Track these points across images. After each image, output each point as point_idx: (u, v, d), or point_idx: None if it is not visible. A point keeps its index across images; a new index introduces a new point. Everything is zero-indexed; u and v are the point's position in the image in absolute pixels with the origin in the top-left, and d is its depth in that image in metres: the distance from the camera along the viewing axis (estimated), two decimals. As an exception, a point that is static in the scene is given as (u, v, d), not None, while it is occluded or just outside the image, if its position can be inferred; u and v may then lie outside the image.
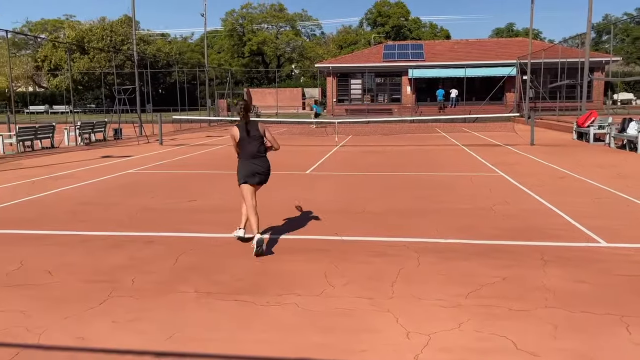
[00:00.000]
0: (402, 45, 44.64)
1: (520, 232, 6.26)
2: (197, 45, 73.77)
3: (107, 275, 4.90)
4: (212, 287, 4.55)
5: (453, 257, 5.31)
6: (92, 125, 21.21)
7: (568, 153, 14.78)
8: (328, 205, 8.00)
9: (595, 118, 18.76)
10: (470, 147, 16.92)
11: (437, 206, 7.82)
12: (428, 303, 4.11)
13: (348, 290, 4.43)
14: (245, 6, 66.30)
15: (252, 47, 63.47)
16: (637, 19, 61.72)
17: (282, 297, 4.30)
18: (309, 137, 22.50)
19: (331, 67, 40.87)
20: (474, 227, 6.50)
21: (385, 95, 41.24)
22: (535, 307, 4.01)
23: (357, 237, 6.12)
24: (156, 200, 8.65)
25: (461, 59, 39.45)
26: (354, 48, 61.41)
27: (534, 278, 4.65)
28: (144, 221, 7.13)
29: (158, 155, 15.86)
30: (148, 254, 5.56)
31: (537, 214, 7.22)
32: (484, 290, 4.37)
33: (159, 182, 10.54)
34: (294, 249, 5.69)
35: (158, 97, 50.77)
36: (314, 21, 72.12)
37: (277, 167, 12.59)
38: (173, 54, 59.04)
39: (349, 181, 10.39)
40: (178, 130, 27.75)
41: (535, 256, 5.30)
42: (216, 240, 6.11)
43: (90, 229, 6.69)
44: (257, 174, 5.91)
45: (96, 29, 54.99)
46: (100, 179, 10.94)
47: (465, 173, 11.21)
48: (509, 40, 47.25)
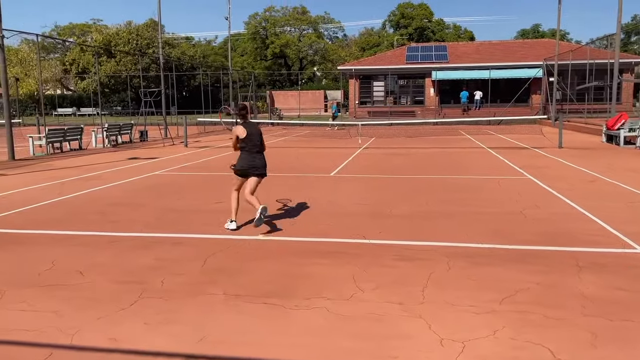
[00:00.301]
0: (426, 47, 44.31)
1: (552, 237, 6.11)
2: (220, 49, 74.52)
3: (137, 276, 4.93)
4: (240, 289, 4.53)
5: (484, 262, 5.20)
6: (119, 128, 21.54)
7: (598, 156, 14.44)
8: (354, 208, 7.94)
9: (626, 120, 18.30)
10: (496, 149, 16.66)
11: (465, 210, 7.69)
12: (461, 309, 4.02)
13: (378, 294, 4.36)
14: (268, 9, 66.83)
15: (275, 49, 63.82)
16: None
17: (311, 300, 4.26)
18: (332, 139, 22.47)
19: (354, 70, 40.81)
20: (505, 232, 6.36)
21: (408, 98, 40.98)
22: (572, 314, 3.89)
23: (384, 241, 6.05)
24: (183, 201, 8.71)
25: (486, 60, 38.96)
26: (377, 50, 61.25)
27: (570, 284, 4.52)
28: (172, 222, 7.18)
29: (183, 157, 16.01)
30: (176, 255, 5.59)
31: (569, 218, 7.05)
32: (518, 296, 4.26)
33: (185, 184, 10.62)
34: (321, 252, 5.65)
35: (182, 100, 51.37)
36: (337, 23, 72.19)
37: (301, 169, 12.65)
38: (197, 57, 59.70)
39: (374, 184, 10.32)
40: (202, 132, 28.02)
41: (570, 262, 5.16)
42: (244, 242, 6.10)
43: (119, 229, 6.76)
44: (256, 167, 6.63)
45: (123, 32, 55.98)
46: (127, 181, 11.08)
47: (492, 176, 11.03)
48: (535, 41, 46.50)
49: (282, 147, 19.28)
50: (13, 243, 6.20)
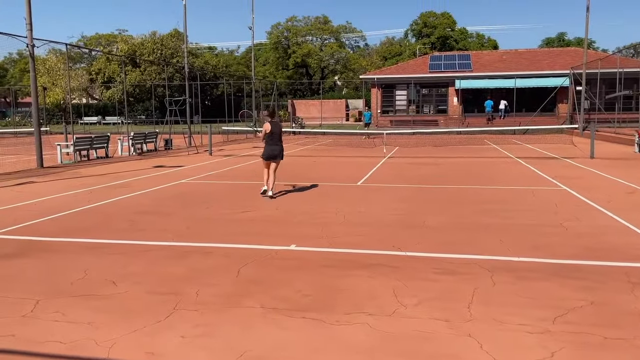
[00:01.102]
0: (449, 55, 43.95)
1: (597, 251, 5.84)
2: (242, 58, 75.16)
3: (171, 286, 4.82)
4: (278, 302, 4.38)
5: (530, 276, 4.97)
6: (144, 136, 21.72)
7: (632, 167, 13.99)
8: (385, 219, 7.75)
9: (660, 130, 17.78)
10: (525, 159, 16.29)
11: (502, 222, 7.44)
12: (512, 327, 3.81)
13: (421, 310, 4.17)
14: (290, 19, 67.17)
15: (297, 59, 64.07)
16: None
17: (352, 315, 4.08)
18: (356, 148, 22.31)
19: (376, 79, 40.66)
20: (546, 245, 6.10)
21: (430, 107, 40.62)
22: (632, 335, 3.65)
23: (421, 253, 5.85)
24: (211, 210, 8.63)
25: (511, 69, 38.43)
26: (399, 59, 61.06)
27: (625, 302, 4.27)
28: (201, 232, 7.09)
29: (208, 165, 16.02)
30: (209, 266, 5.47)
31: (613, 231, 6.75)
32: (572, 315, 4.03)
33: (211, 192, 10.56)
34: (357, 264, 5.47)
35: (205, 109, 51.86)
36: (358, 33, 72.24)
37: (328, 178, 12.51)
38: (220, 67, 60.27)
39: (403, 193, 10.11)
40: (225, 141, 28.13)
41: (621, 278, 4.89)
42: (276, 252, 5.97)
43: (150, 238, 6.69)
44: (275, 155, 9.82)
45: (147, 42, 56.86)
46: (154, 189, 11.07)
47: (525, 187, 10.73)
48: (561, 50, 45.77)
49: (305, 155, 19.18)
50: (45, 251, 6.17)
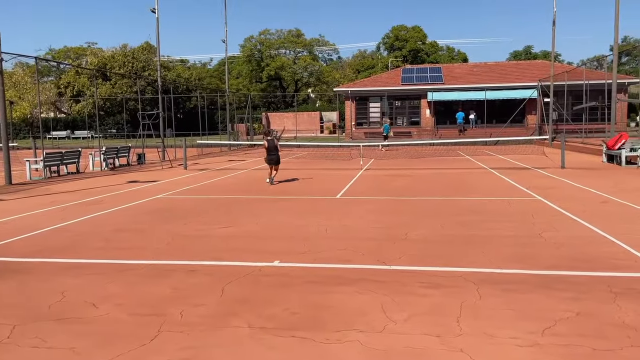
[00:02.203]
0: (421, 68, 44.69)
1: (578, 261, 5.94)
2: (215, 71, 74.87)
3: (154, 307, 4.69)
4: (265, 321, 4.30)
5: (515, 288, 5.01)
6: (117, 151, 21.33)
7: (602, 176, 14.37)
8: (367, 232, 7.75)
9: (626, 140, 18.34)
10: (498, 170, 16.58)
11: (482, 233, 7.52)
12: (502, 341, 3.82)
13: (411, 326, 4.15)
14: (263, 32, 67.39)
15: (270, 72, 64.18)
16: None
17: (342, 333, 4.03)
18: (333, 160, 22.36)
19: (350, 91, 40.99)
20: (528, 256, 6.18)
21: (404, 119, 41.13)
22: (619, 346, 3.70)
23: (405, 267, 5.85)
24: (190, 226, 8.48)
25: (481, 81, 39.29)
26: (371, 72, 61.75)
27: (609, 313, 4.33)
28: (181, 249, 6.94)
29: (184, 180, 15.79)
30: (192, 285, 5.35)
31: (591, 241, 6.89)
32: (559, 326, 4.07)
33: (189, 208, 10.39)
34: (343, 279, 5.43)
35: (177, 122, 51.35)
36: (331, 46, 72.91)
37: (306, 192, 12.47)
38: (192, 80, 59.87)
39: (383, 206, 10.14)
40: (199, 154, 27.84)
41: (603, 288, 4.98)
42: (260, 269, 5.88)
43: (128, 257, 6.52)
44: (273, 160, 13.95)
45: (118, 55, 56.11)
46: (129, 205, 10.83)
47: (501, 197, 10.90)
48: (529, 62, 47.04)
49: (281, 169, 19.10)
50: (19, 272, 5.94)
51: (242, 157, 26.08)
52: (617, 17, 21.64)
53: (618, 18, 21.64)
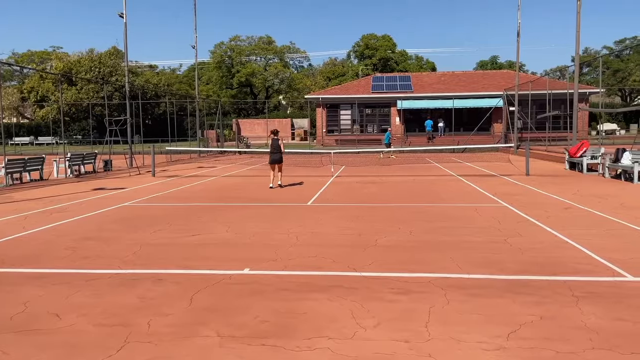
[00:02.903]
0: (391, 77, 45.26)
1: (542, 266, 6.10)
2: (185, 77, 74.09)
3: (120, 317, 4.60)
4: (235, 330, 4.27)
5: (481, 293, 5.11)
6: (82, 157, 20.84)
7: (565, 183, 14.81)
8: (337, 239, 7.78)
9: (587, 148, 18.96)
10: (466, 177, 16.90)
11: (450, 239, 7.65)
12: (469, 345, 3.89)
13: (381, 332, 4.19)
14: (233, 38, 67.01)
15: (241, 78, 63.89)
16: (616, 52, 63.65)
17: (312, 340, 4.04)
18: (304, 167, 22.38)
19: (321, 98, 41.18)
20: (494, 262, 6.32)
21: (374, 126, 41.53)
22: (582, 348, 3.82)
23: (375, 273, 5.90)
24: (158, 234, 8.35)
25: (449, 90, 40.06)
26: (342, 80, 62.17)
27: (572, 316, 4.47)
28: (149, 257, 6.83)
29: (152, 187, 15.55)
30: (160, 294, 5.27)
31: (554, 247, 7.08)
32: (524, 330, 4.17)
33: (157, 215, 10.23)
34: (313, 286, 5.44)
35: (146, 128, 50.58)
36: (302, 53, 73.10)
37: (277, 199, 12.44)
38: (161, 85, 59.09)
39: (354, 213, 10.20)
40: (168, 161, 27.45)
41: (565, 292, 5.13)
42: (229, 277, 5.83)
43: (94, 266, 6.37)
44: (275, 160, 14.35)
45: (84, 60, 54.97)
46: (96, 213, 10.60)
47: (468, 204, 11.11)
48: (495, 72, 48.20)
49: (251, 175, 19.03)
50: (-22, 283, 5.73)
51: (212, 164, 25.84)
52: (578, 29, 22.42)
53: (579, 30, 22.42)
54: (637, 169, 14.57)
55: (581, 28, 22.31)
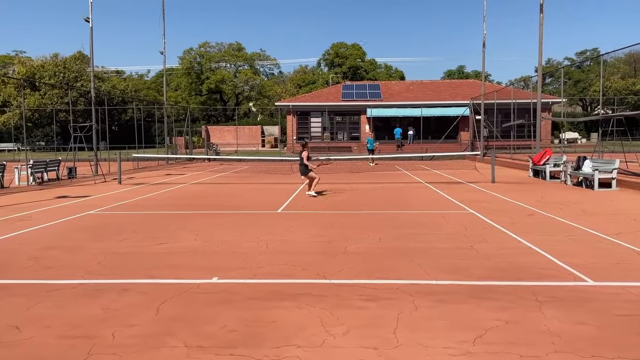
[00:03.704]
0: (360, 85, 45.69)
1: (507, 271, 6.24)
2: (152, 83, 73.13)
3: (83, 329, 4.48)
4: (202, 340, 4.21)
5: (448, 299, 5.19)
6: (45, 164, 20.27)
7: (529, 190, 15.18)
8: (307, 246, 7.78)
9: (550, 156, 19.52)
10: (434, 184, 17.16)
11: (418, 245, 7.74)
12: (436, 352, 3.94)
13: (350, 339, 4.20)
14: (203, 45, 66.58)
15: (210, 85, 63.44)
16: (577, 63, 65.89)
17: (281, 349, 4.02)
18: (274, 174, 22.32)
19: (291, 106, 41.24)
20: (461, 267, 6.42)
21: (344, 134, 41.80)
22: (545, 352, 3.91)
23: (345, 280, 5.91)
24: (124, 243, 8.18)
25: (417, 99, 40.69)
26: (313, 87, 62.44)
27: (535, 320, 4.58)
28: (115, 267, 6.68)
29: (118, 195, 15.23)
30: (125, 304, 5.16)
31: (518, 252, 7.25)
32: (489, 335, 4.25)
33: (123, 224, 10.03)
34: (282, 294, 5.42)
35: (112, 135, 49.62)
36: (272, 61, 73.18)
37: (247, 206, 12.37)
38: (129, 91, 58.10)
39: (324, 220, 10.22)
40: (135, 168, 26.96)
41: (529, 297, 5.25)
42: (197, 286, 5.76)
43: (57, 276, 6.19)
44: (301, 172, 14.40)
45: (49, 65, 53.65)
46: (59, 221, 10.32)
47: (437, 211, 11.27)
48: (462, 81, 49.24)
49: (221, 183, 18.87)
50: None
51: (180, 171, 25.51)
52: (541, 41, 23.13)
53: (542, 42, 23.14)
54: (598, 177, 15.07)
55: (544, 40, 23.03)
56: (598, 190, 14.79)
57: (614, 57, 50.63)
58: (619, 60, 53.31)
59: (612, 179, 15.11)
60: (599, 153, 20.66)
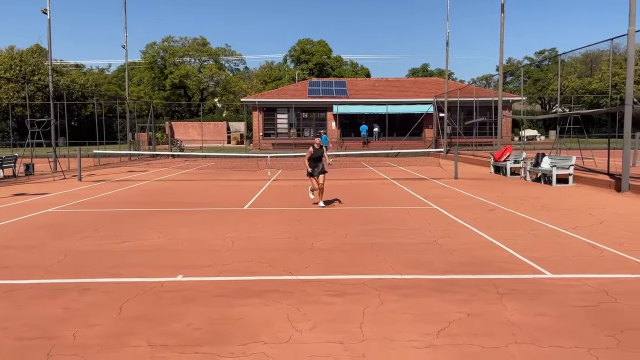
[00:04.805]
0: (327, 82, 45.78)
1: (469, 265, 6.38)
2: (114, 77, 71.31)
3: (43, 330, 4.34)
4: (167, 339, 4.15)
5: (413, 293, 5.27)
6: (1, 160, 19.51)
7: (490, 186, 15.56)
8: (274, 243, 7.76)
9: (511, 153, 20.05)
10: (399, 180, 17.37)
11: (384, 241, 7.83)
12: (401, 345, 4.00)
13: (316, 335, 4.21)
14: (166, 39, 65.26)
15: (174, 80, 62.29)
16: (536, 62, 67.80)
17: (247, 346, 4.00)
18: (240, 171, 22.14)
19: (257, 102, 40.95)
20: (425, 262, 6.54)
21: (311, 130, 41.80)
22: (505, 343, 4.02)
23: (311, 276, 5.93)
24: (85, 241, 7.97)
25: (382, 96, 41.04)
26: (279, 84, 62.19)
27: (496, 313, 4.70)
28: (75, 266, 6.50)
29: (78, 192, 14.82)
30: (86, 304, 5.03)
31: (480, 247, 7.43)
32: (452, 327, 4.34)
33: (84, 222, 9.76)
34: (248, 292, 5.39)
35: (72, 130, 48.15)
36: (238, 56, 72.36)
37: (212, 203, 12.24)
38: (89, 86, 56.49)
39: (290, 217, 10.21)
40: (96, 165, 26.27)
41: (490, 290, 5.39)
42: (161, 284, 5.66)
43: (15, 276, 5.98)
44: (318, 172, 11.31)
45: (4, 58, 51.62)
46: (17, 219, 9.96)
47: (402, 207, 11.42)
48: (426, 79, 49.95)
49: (186, 180, 18.60)
50: None
51: (143, 168, 24.99)
52: (502, 40, 23.70)
53: (503, 41, 23.70)
54: (556, 173, 15.57)
55: (505, 39, 23.60)
56: (556, 186, 15.29)
57: (571, 57, 52.33)
58: (576, 60, 55.13)
59: (569, 175, 15.64)
60: (557, 150, 21.35)
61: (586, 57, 55.07)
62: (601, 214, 10.07)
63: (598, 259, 6.66)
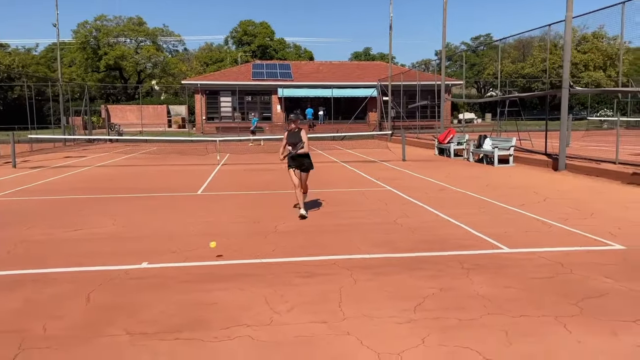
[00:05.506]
0: (271, 64, 45.28)
1: (431, 243, 6.59)
2: (42, 58, 67.09)
3: (8, 324, 4.11)
4: (145, 326, 4.04)
5: (384, 271, 5.40)
6: None
7: (436, 167, 16.06)
8: (235, 227, 7.68)
9: (454, 135, 20.73)
10: (349, 163, 17.58)
11: (346, 222, 7.93)
12: (382, 321, 4.10)
13: (297, 315, 4.24)
14: (99, 18, 61.96)
15: (109, 61, 59.45)
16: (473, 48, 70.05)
17: (230, 330, 3.97)
18: (187, 156, 21.61)
19: (199, 85, 39.95)
20: (390, 241, 6.69)
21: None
22: (480, 315, 4.22)
23: (280, 259, 5.93)
24: (33, 230, 7.56)
25: (327, 79, 41.14)
26: (221, 66, 60.81)
27: (465, 286, 4.91)
28: (29, 256, 6.16)
29: (15, 179, 13.96)
30: (50, 295, 4.79)
31: (439, 225, 7.68)
32: (427, 302, 4.49)
33: (27, 210, 9.24)
34: (219, 276, 5.32)
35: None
36: (176, 37, 69.96)
37: (163, 189, 11.89)
38: (15, 67, 52.93)
39: (248, 201, 10.12)
40: (30, 150, 24.79)
41: (456, 265, 5.61)
42: (126, 272, 5.48)
43: (-38, 270, 5.59)
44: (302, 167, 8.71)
45: None
46: (-50, 210, 9.27)
47: (356, 189, 11.58)
48: (369, 63, 50.48)
49: (130, 165, 17.94)
50: None
51: (81, 154, 23.87)
52: (444, 24, 24.29)
53: (445, 26, 24.31)
54: (497, 154, 16.28)
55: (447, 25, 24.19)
56: (498, 166, 16.00)
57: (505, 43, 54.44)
58: (510, 45, 57.37)
59: (510, 156, 16.41)
60: (497, 132, 22.27)
61: (519, 43, 57.42)
62: (544, 192, 10.65)
63: (548, 233, 7.06)
